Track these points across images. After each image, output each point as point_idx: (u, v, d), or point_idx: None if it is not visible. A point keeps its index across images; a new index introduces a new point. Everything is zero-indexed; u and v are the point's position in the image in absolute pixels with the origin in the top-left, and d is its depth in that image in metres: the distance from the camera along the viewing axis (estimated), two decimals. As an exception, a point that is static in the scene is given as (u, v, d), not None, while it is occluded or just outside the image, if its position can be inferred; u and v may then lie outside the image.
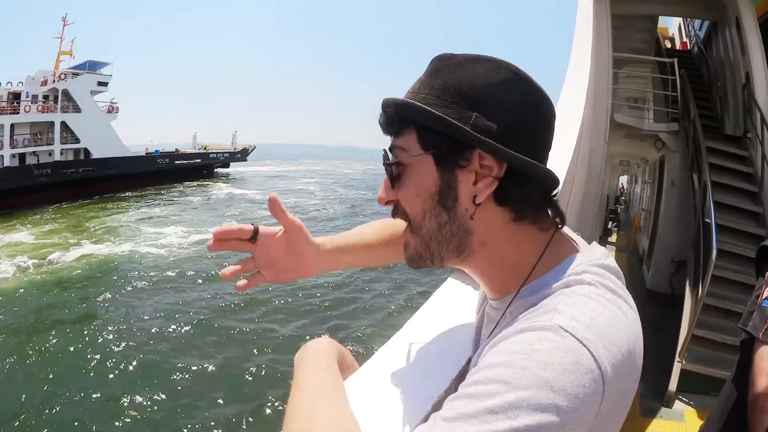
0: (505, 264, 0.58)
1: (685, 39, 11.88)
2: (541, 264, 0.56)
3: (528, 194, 0.56)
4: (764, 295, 1.41)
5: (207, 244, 0.71)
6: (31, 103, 27.80)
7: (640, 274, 9.06)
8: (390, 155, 0.59)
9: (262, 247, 0.74)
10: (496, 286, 0.61)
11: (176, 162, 37.52)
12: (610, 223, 15.42)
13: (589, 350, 0.43)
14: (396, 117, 0.58)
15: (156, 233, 18.19)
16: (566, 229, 0.62)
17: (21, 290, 11.45)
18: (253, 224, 0.73)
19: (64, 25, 31.53)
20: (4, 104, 27.02)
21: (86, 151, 30.09)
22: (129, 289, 11.53)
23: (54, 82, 29.14)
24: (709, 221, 4.59)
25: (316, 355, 0.62)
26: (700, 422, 1.86)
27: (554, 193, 0.59)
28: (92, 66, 31.60)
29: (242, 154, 46.05)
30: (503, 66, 0.56)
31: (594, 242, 0.62)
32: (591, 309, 0.47)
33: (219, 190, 33.83)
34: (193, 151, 42.11)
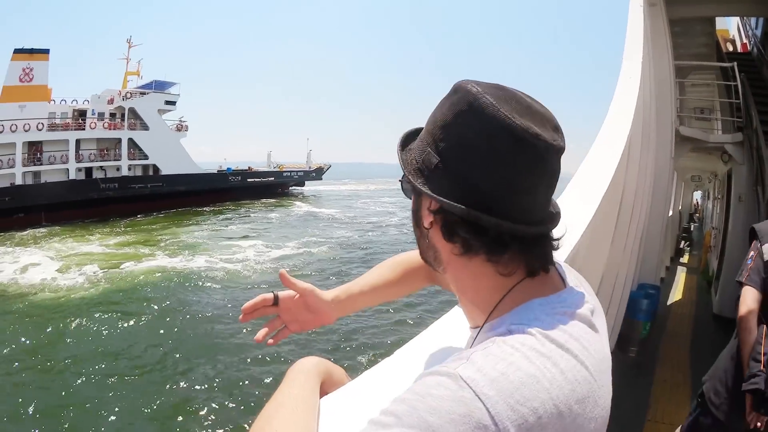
0: (468, 293, 0.61)
1: (745, 40, 11.06)
2: (502, 304, 0.57)
3: (462, 236, 0.55)
4: (749, 256, 2.00)
5: (239, 318, 0.90)
6: (97, 120, 29.16)
7: (707, 297, 8.32)
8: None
9: (284, 307, 0.91)
10: (468, 313, 0.64)
11: (248, 180, 37.95)
12: (683, 242, 14.29)
13: (484, 405, 0.42)
14: None
15: (232, 247, 18.54)
16: (563, 265, 0.63)
17: (88, 295, 12.27)
18: (273, 292, 0.91)
19: (129, 46, 33.13)
20: (69, 121, 28.04)
21: (155, 168, 31.28)
22: (196, 299, 12.00)
23: (121, 100, 30.46)
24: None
25: (299, 373, 0.70)
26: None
27: (528, 238, 0.55)
28: (159, 86, 32.82)
29: (317, 173, 45.54)
30: (465, 95, 0.55)
31: (572, 286, 0.60)
32: (508, 363, 0.46)
33: (297, 208, 33.83)
34: (266, 169, 42.32)
